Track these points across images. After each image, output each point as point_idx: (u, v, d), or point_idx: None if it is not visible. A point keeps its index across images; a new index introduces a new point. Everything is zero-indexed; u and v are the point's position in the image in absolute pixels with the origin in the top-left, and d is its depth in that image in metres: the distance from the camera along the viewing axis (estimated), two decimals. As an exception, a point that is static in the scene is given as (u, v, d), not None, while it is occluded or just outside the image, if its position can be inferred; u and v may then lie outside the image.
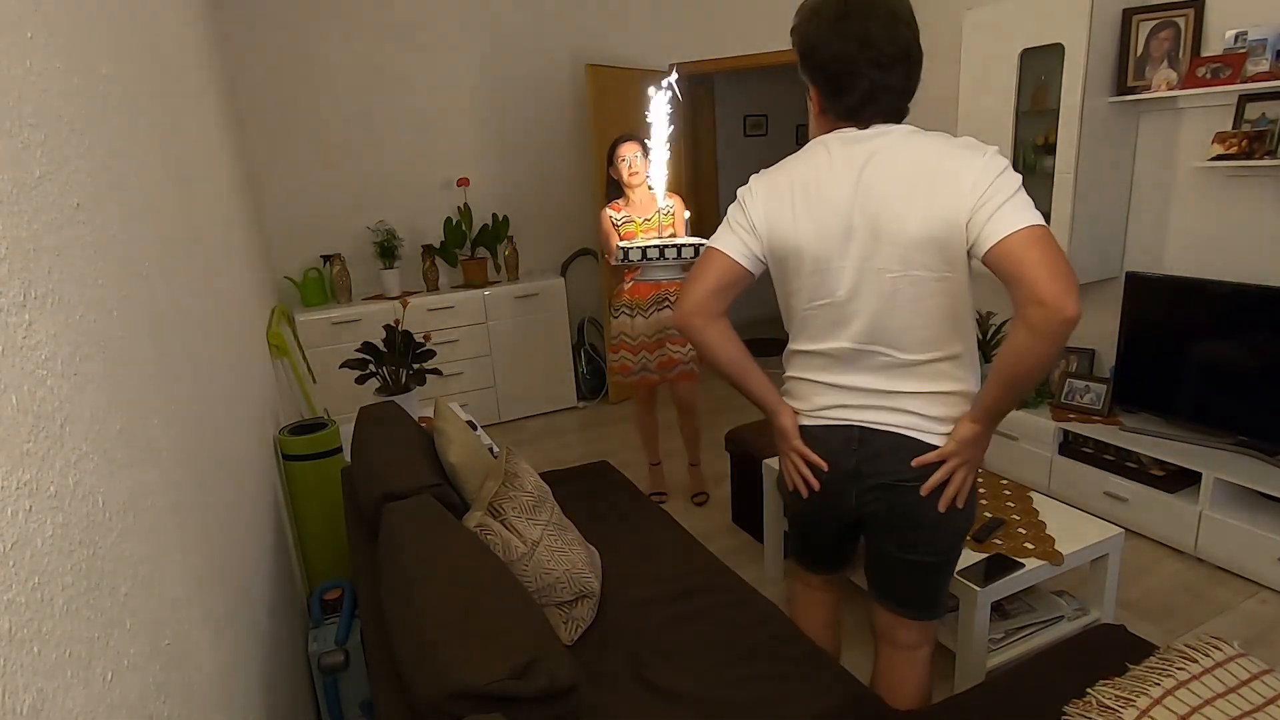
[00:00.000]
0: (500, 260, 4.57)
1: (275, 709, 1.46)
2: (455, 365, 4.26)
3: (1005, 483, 2.46)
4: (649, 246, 2.39)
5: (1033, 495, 2.37)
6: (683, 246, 2.51)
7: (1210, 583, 2.58)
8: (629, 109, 4.45)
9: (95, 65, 1.02)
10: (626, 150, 2.97)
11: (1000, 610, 2.13)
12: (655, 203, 3.00)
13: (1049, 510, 2.27)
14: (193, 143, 1.87)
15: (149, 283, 1.11)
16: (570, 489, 2.38)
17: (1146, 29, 2.83)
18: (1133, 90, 2.89)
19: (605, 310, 4.62)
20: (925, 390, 1.37)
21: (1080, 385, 3.18)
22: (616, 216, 3.06)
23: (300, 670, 1.90)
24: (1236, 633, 2.31)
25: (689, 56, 4.68)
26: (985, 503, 2.33)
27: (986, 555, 2.05)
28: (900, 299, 1.32)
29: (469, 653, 1.13)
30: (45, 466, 0.63)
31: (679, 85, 2.45)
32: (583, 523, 2.05)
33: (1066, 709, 1.36)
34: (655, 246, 2.38)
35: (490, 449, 2.52)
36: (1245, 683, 1.33)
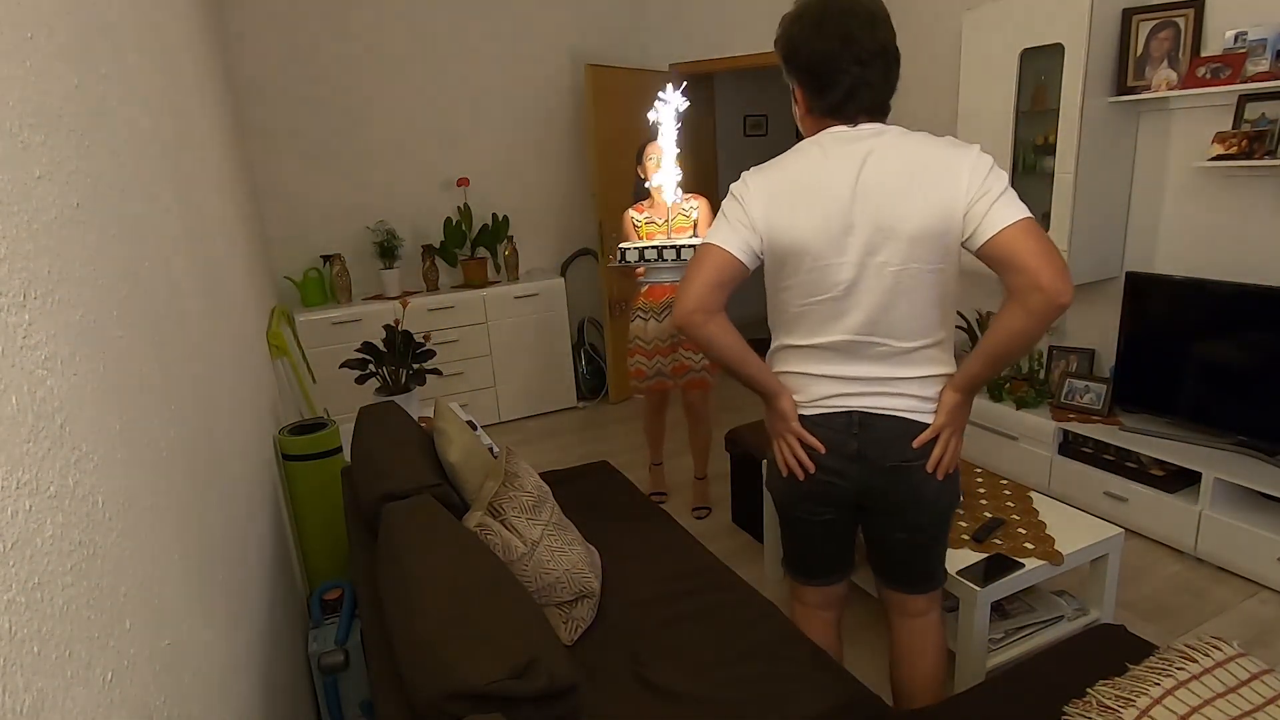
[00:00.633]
0: (500, 260, 4.57)
1: (275, 709, 1.46)
2: (455, 365, 4.25)
3: (1005, 483, 2.46)
4: (646, 248, 2.39)
5: (1033, 495, 2.37)
6: (682, 248, 2.52)
7: (1210, 583, 2.58)
8: (629, 109, 4.45)
9: (95, 65, 1.02)
10: (655, 150, 2.94)
11: (1000, 610, 2.13)
12: (677, 204, 2.96)
13: (1049, 510, 2.27)
14: (193, 142, 1.87)
15: (149, 283, 1.11)
16: (570, 489, 2.38)
17: (1146, 29, 2.83)
18: (1133, 90, 2.89)
19: (605, 310, 4.62)
20: (919, 375, 1.45)
21: (1080, 385, 3.18)
22: (639, 217, 3.04)
23: (300, 670, 1.90)
24: (1236, 633, 2.31)
25: (689, 56, 4.68)
26: (985, 503, 2.33)
27: (986, 555, 2.05)
28: (899, 291, 1.38)
29: (469, 653, 1.13)
30: (45, 466, 0.63)
31: (678, 92, 2.44)
32: (583, 523, 2.05)
33: (1066, 709, 1.36)
34: (653, 248, 2.37)
35: (490, 449, 2.52)
36: (1245, 683, 1.33)
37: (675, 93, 2.60)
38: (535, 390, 4.61)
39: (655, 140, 2.95)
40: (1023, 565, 2.00)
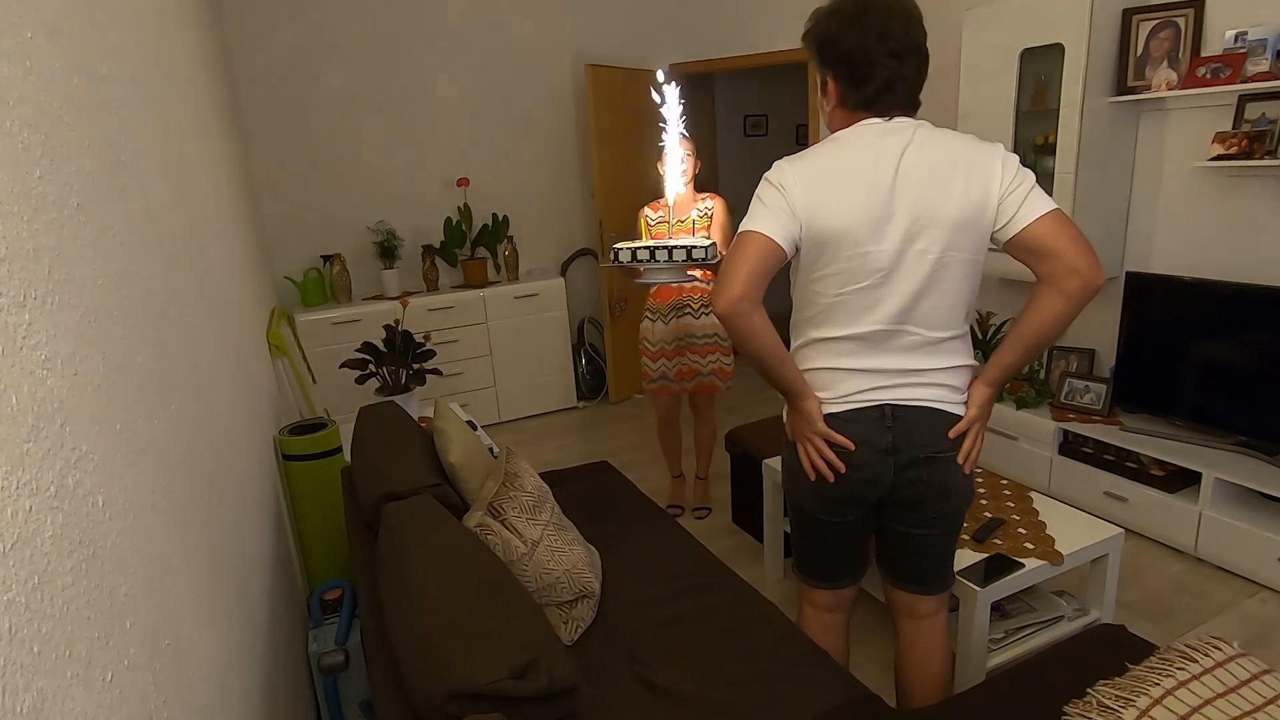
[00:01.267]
0: (500, 260, 4.57)
1: (275, 709, 1.46)
2: (455, 365, 4.25)
3: (1005, 483, 2.46)
4: (639, 248, 2.38)
5: (1033, 495, 2.37)
6: (674, 248, 2.50)
7: (1210, 583, 2.58)
8: (629, 109, 4.45)
9: (95, 65, 1.02)
10: (684, 145, 2.80)
11: (1000, 610, 2.12)
12: (692, 203, 2.91)
13: (1049, 510, 2.27)
14: (193, 143, 1.87)
15: (149, 283, 1.11)
16: (570, 489, 2.38)
17: (1146, 29, 2.83)
18: (1133, 90, 2.89)
19: (605, 310, 4.62)
20: (948, 365, 1.48)
21: (1080, 385, 3.18)
22: (653, 216, 2.99)
23: (300, 670, 1.90)
24: (1236, 633, 2.30)
25: (689, 56, 4.68)
26: (985, 503, 2.33)
27: (986, 555, 2.05)
28: (935, 279, 1.42)
29: (469, 653, 1.13)
30: (45, 466, 0.63)
31: (673, 83, 2.40)
32: (583, 523, 2.05)
33: (1066, 709, 1.36)
34: (646, 248, 2.36)
35: (490, 449, 2.52)
36: (1245, 683, 1.33)
37: (669, 84, 2.56)
38: (535, 390, 4.61)
39: (681, 137, 2.82)
40: (1023, 565, 2.00)
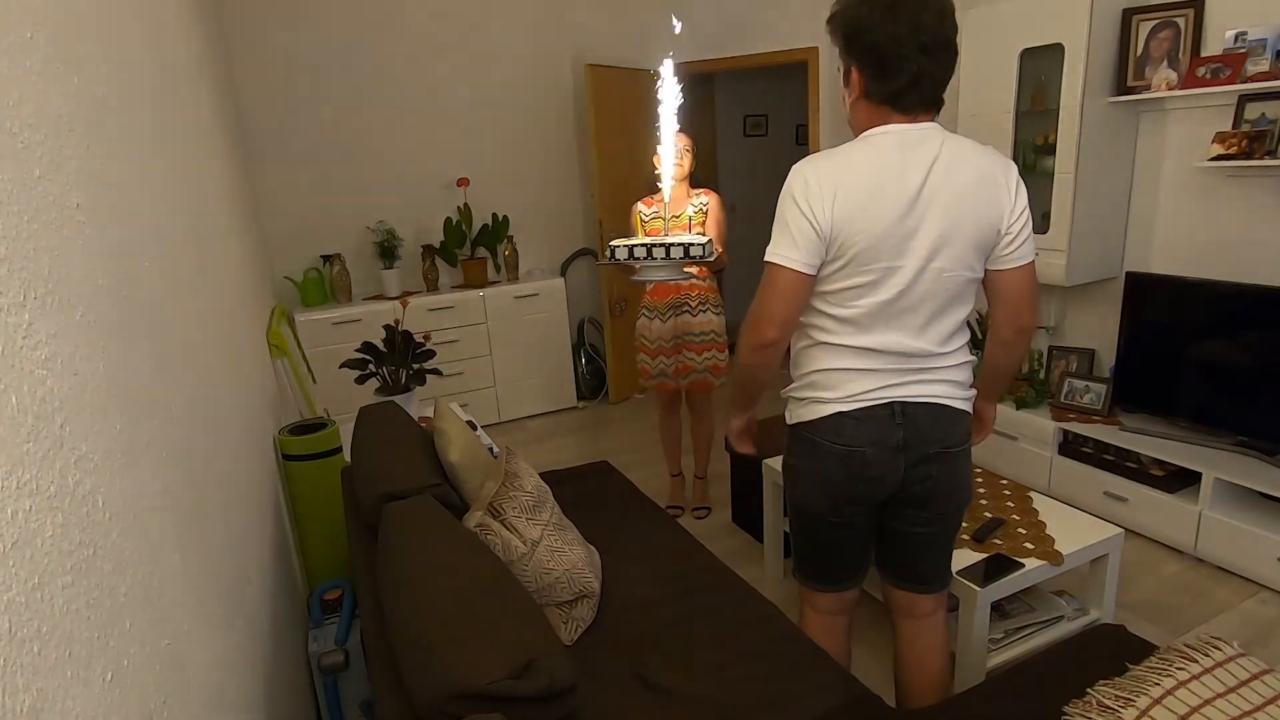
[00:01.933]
0: (500, 260, 4.57)
1: (275, 709, 1.46)
2: (455, 365, 4.25)
3: (1005, 483, 2.46)
4: (636, 246, 2.36)
5: (1033, 495, 2.37)
6: (671, 246, 2.50)
7: (1210, 583, 2.58)
8: (629, 109, 4.45)
9: (95, 65, 1.02)
10: (680, 140, 2.80)
11: (1000, 610, 2.12)
12: (687, 199, 2.88)
13: (1049, 510, 2.27)
14: (192, 142, 1.87)
15: (149, 283, 1.11)
16: (570, 489, 2.38)
17: (1146, 29, 2.83)
18: (1133, 90, 2.89)
19: (605, 310, 4.62)
20: (953, 362, 1.52)
21: (1080, 385, 3.18)
22: (646, 212, 2.97)
23: (300, 670, 1.90)
24: (1236, 633, 2.30)
25: (689, 56, 4.67)
26: (985, 503, 2.33)
27: (986, 555, 2.05)
28: (947, 296, 1.44)
29: (469, 653, 1.13)
30: (45, 466, 0.63)
31: (676, 76, 2.38)
32: (583, 523, 2.05)
33: (1066, 709, 1.36)
34: (644, 246, 2.35)
35: (490, 449, 2.52)
36: (1245, 683, 1.33)
37: (671, 77, 2.53)
38: (535, 390, 4.61)
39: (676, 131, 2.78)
40: (1023, 565, 2.00)
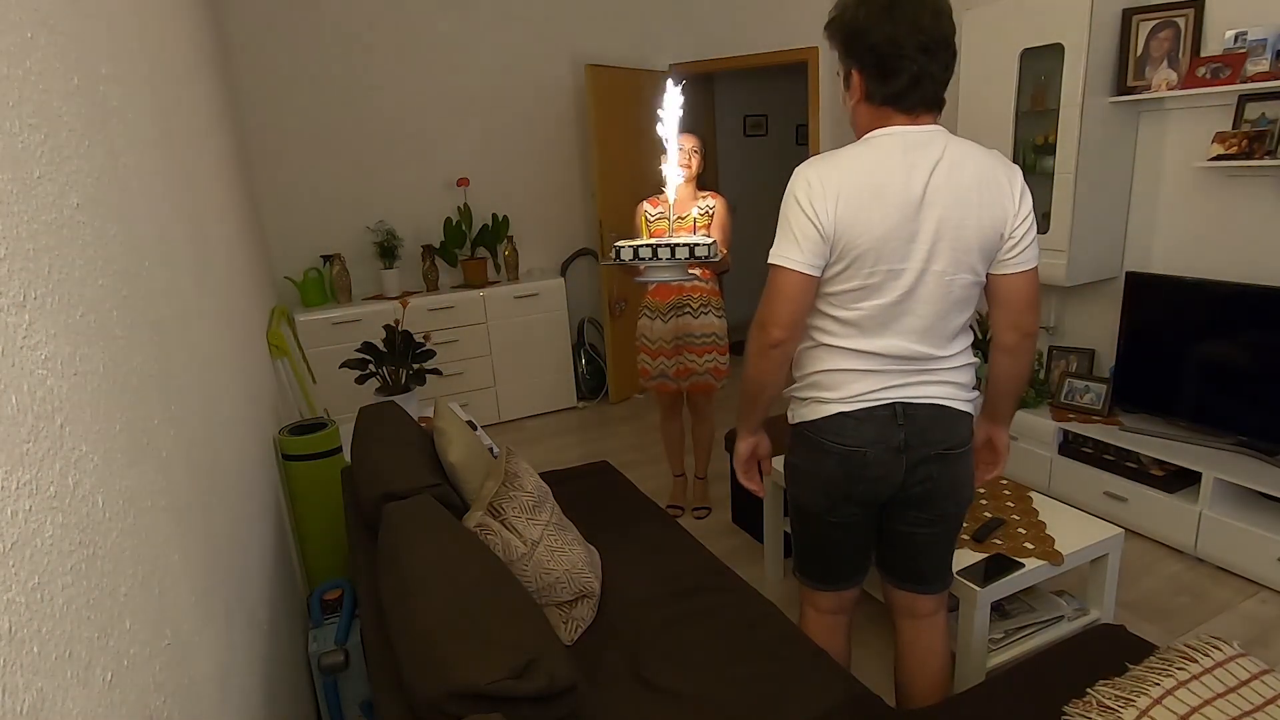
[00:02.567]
0: (500, 260, 4.57)
1: (275, 709, 1.46)
2: (455, 365, 4.25)
3: (1005, 483, 2.46)
4: (641, 246, 2.37)
5: (1033, 495, 2.37)
6: (676, 246, 2.50)
7: (1210, 583, 2.58)
8: (629, 109, 4.45)
9: (95, 65, 1.02)
10: (682, 142, 2.76)
11: (1000, 610, 2.12)
12: (693, 201, 2.88)
13: (1049, 510, 2.27)
14: (193, 142, 1.87)
15: (149, 283, 1.11)
16: (570, 489, 2.38)
17: (1146, 29, 2.83)
18: (1133, 90, 2.89)
19: (605, 310, 4.62)
20: (956, 364, 1.51)
21: (1080, 385, 3.18)
22: (652, 212, 2.96)
23: (300, 670, 1.90)
24: (1236, 633, 2.30)
25: (689, 56, 4.68)
26: (985, 503, 2.33)
27: (986, 555, 2.05)
28: (950, 300, 1.44)
29: (469, 653, 1.13)
30: (45, 466, 0.63)
31: (680, 86, 2.39)
32: (583, 523, 2.05)
33: (1066, 709, 1.36)
34: (649, 246, 2.35)
35: (490, 449, 2.52)
36: (1245, 683, 1.33)
37: (676, 88, 2.53)
38: (535, 390, 4.61)
39: (684, 132, 2.68)
40: (1023, 565, 2.00)
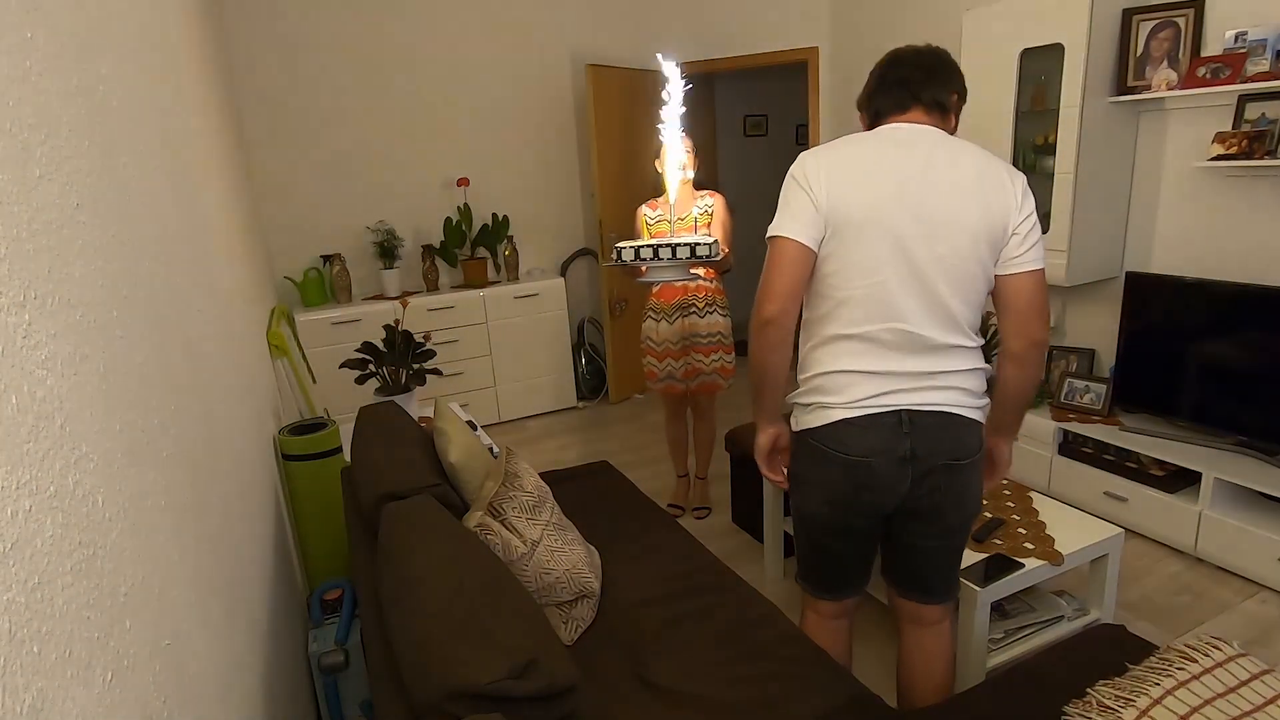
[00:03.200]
0: (500, 260, 4.57)
1: (275, 709, 1.46)
2: (455, 365, 4.25)
3: (1005, 483, 2.46)
4: (643, 247, 2.36)
5: (1033, 495, 2.37)
6: (677, 246, 2.50)
7: (1210, 583, 2.58)
8: (629, 109, 4.45)
9: (95, 65, 1.02)
10: (684, 143, 2.77)
11: (1000, 610, 2.12)
12: (692, 201, 2.87)
13: (1049, 510, 2.27)
14: (193, 142, 1.87)
15: (149, 283, 1.11)
16: (570, 489, 2.38)
17: (1146, 29, 2.83)
18: (1133, 90, 2.89)
19: (605, 310, 4.62)
20: (963, 369, 1.48)
21: (1080, 385, 3.18)
22: (651, 214, 2.96)
23: (300, 670, 1.90)
24: (1236, 633, 2.30)
25: (689, 56, 4.67)
26: (985, 502, 2.33)
27: (986, 555, 2.05)
28: (949, 280, 1.42)
29: (469, 653, 1.13)
30: (45, 466, 0.63)
31: (681, 78, 2.37)
32: (583, 523, 2.05)
33: (1066, 709, 1.36)
34: (650, 247, 2.35)
35: (490, 449, 2.52)
36: (1245, 683, 1.33)
37: (679, 81, 2.51)
38: (535, 390, 4.61)
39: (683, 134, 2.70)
40: (1023, 565, 2.00)
